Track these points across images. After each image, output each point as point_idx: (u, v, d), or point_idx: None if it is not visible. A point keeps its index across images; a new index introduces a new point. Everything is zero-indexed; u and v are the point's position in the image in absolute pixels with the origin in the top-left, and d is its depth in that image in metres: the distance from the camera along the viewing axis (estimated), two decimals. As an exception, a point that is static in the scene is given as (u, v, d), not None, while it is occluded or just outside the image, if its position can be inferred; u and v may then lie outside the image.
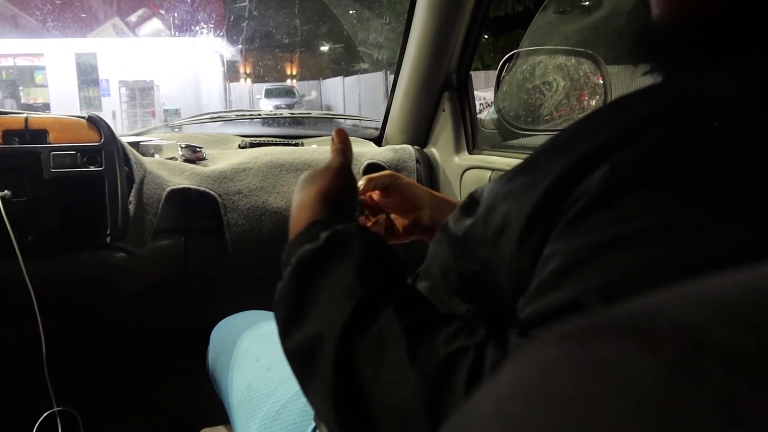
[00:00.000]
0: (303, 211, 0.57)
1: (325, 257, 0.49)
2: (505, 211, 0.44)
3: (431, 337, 0.42)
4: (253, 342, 0.92)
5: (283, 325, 0.50)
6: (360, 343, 0.44)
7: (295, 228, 0.56)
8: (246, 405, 0.82)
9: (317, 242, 0.50)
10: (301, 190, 0.60)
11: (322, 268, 0.49)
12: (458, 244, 0.51)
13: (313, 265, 0.49)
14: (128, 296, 1.26)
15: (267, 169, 1.37)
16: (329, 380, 0.44)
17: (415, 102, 1.55)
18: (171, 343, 1.47)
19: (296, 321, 0.48)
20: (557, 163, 0.41)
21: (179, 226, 1.30)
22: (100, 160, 1.12)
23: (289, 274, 0.50)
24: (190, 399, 1.28)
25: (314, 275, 0.49)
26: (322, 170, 0.61)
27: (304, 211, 0.57)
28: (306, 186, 0.60)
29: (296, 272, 0.50)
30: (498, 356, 0.39)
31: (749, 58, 0.39)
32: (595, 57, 1.33)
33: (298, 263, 0.50)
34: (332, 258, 0.49)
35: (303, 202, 0.58)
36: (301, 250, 0.51)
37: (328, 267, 0.49)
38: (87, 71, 13.01)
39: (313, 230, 0.52)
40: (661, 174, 0.35)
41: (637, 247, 0.34)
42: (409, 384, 0.40)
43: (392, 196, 0.81)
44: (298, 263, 0.50)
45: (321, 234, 0.51)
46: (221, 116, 1.76)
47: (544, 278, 0.38)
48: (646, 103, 0.40)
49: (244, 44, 13.99)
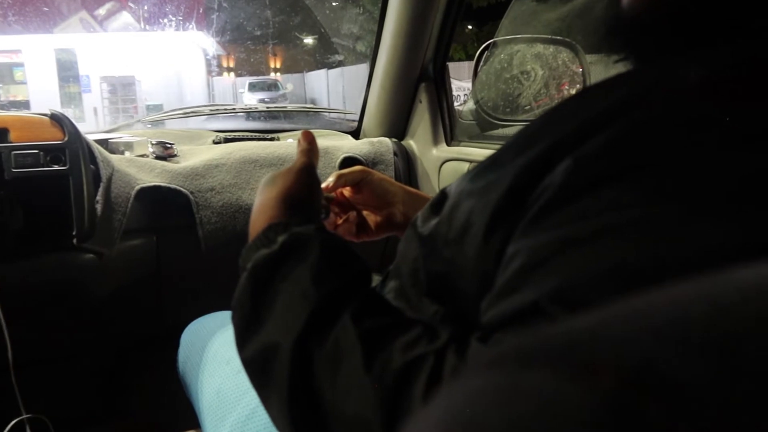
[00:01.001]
0: (262, 214, 0.54)
1: (282, 261, 0.47)
2: (469, 208, 0.43)
3: (389, 345, 0.40)
4: (223, 344, 0.90)
5: (240, 332, 0.48)
6: (316, 353, 0.42)
7: (253, 231, 0.53)
8: (216, 409, 0.80)
9: (274, 246, 0.48)
10: (261, 192, 0.57)
11: (278, 272, 0.47)
12: (426, 244, 0.50)
13: (269, 270, 0.47)
14: (98, 299, 1.23)
15: (240, 164, 1.34)
16: (285, 390, 0.42)
17: (392, 94, 1.53)
18: (144, 346, 1.44)
19: (252, 329, 0.46)
20: (521, 158, 0.39)
21: (150, 225, 1.27)
22: (65, 158, 1.08)
23: (245, 279, 0.48)
24: (163, 403, 1.26)
25: (270, 281, 0.47)
26: (284, 171, 0.59)
27: (262, 214, 0.54)
28: (267, 188, 0.57)
29: (252, 278, 0.48)
30: (458, 363, 0.38)
31: (716, 47, 0.37)
32: (573, 45, 1.31)
33: (254, 268, 0.48)
34: (289, 262, 0.47)
35: (262, 204, 0.56)
36: (257, 255, 0.49)
37: (284, 272, 0.46)
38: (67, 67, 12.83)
39: (270, 234, 0.50)
40: (624, 168, 0.34)
41: (600, 246, 0.33)
42: (366, 395, 0.38)
43: (364, 193, 0.79)
44: (254, 268, 0.48)
45: (278, 237, 0.49)
46: (195, 111, 1.72)
47: (506, 279, 0.37)
48: (610, 93, 0.39)
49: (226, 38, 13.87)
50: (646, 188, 0.32)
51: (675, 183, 0.32)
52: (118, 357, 1.48)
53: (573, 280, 0.33)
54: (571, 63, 1.39)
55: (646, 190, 0.32)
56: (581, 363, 0.15)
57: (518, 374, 0.16)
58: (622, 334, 0.15)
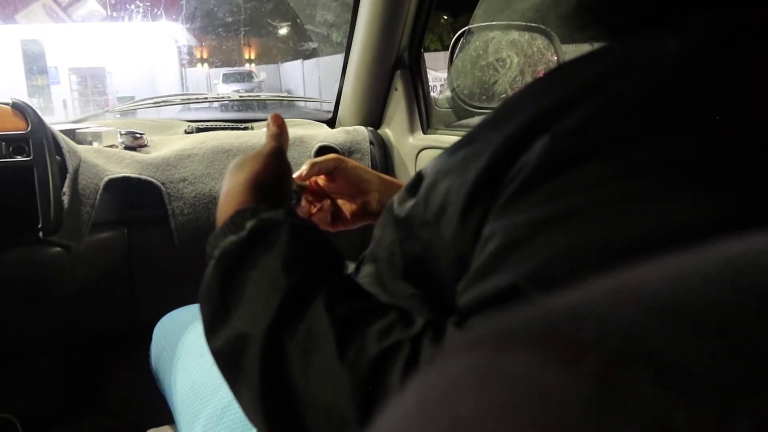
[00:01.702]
0: (229, 200, 0.52)
1: (250, 248, 0.45)
2: (446, 188, 0.41)
3: (363, 332, 0.39)
4: (197, 337, 0.88)
5: (208, 323, 0.46)
6: (288, 341, 0.40)
7: (221, 218, 0.51)
8: (190, 403, 0.78)
9: (242, 233, 0.46)
10: (229, 178, 0.55)
11: (246, 260, 0.45)
12: (402, 226, 0.48)
13: (238, 257, 0.45)
14: (67, 293, 1.20)
15: (213, 154, 1.31)
16: (257, 382, 0.41)
17: (367, 82, 1.51)
18: (116, 341, 1.41)
19: (221, 319, 0.44)
20: (498, 134, 0.38)
21: (120, 218, 1.24)
22: (28, 149, 1.05)
23: (212, 268, 0.46)
24: (136, 399, 1.23)
25: (239, 268, 0.45)
26: (253, 156, 0.57)
27: (230, 200, 0.52)
28: (235, 173, 0.55)
29: (219, 266, 0.46)
30: (435, 350, 0.37)
31: (695, 16, 0.36)
32: (548, 32, 1.30)
33: (221, 256, 0.46)
34: (257, 249, 0.45)
35: (230, 189, 0.54)
36: (224, 242, 0.47)
37: (253, 259, 0.45)
38: (34, 59, 12.51)
39: (238, 220, 0.48)
40: (602, 143, 0.33)
41: (578, 224, 0.32)
42: (340, 384, 0.37)
43: (338, 181, 0.77)
44: (221, 256, 0.46)
45: (246, 223, 0.47)
46: (166, 101, 1.68)
47: (483, 261, 0.36)
48: (588, 67, 0.38)
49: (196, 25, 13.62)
50: (624, 162, 0.31)
51: (654, 156, 0.31)
52: (89, 353, 1.45)
53: (551, 261, 0.32)
54: (546, 50, 1.38)
55: (625, 164, 0.31)
56: (563, 343, 0.14)
57: (496, 357, 0.15)
58: (606, 311, 0.14)
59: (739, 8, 0.35)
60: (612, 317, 0.14)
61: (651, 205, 0.30)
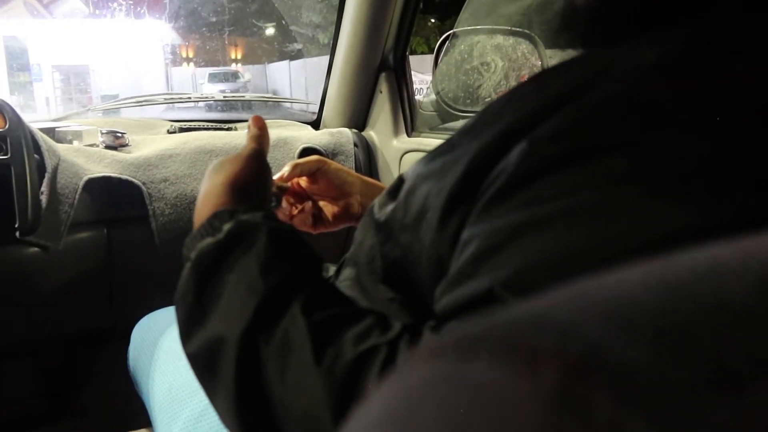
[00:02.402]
0: (207, 202, 0.52)
1: (228, 251, 0.45)
2: (425, 193, 0.41)
3: (340, 337, 0.39)
4: (175, 340, 0.87)
5: (184, 326, 0.45)
6: (264, 346, 0.40)
7: (198, 220, 0.51)
8: (168, 406, 0.77)
9: (219, 235, 0.46)
10: (208, 179, 0.55)
11: (223, 263, 0.44)
12: (382, 230, 0.48)
13: (214, 260, 0.45)
14: (45, 294, 1.18)
15: (195, 155, 1.30)
16: (232, 387, 0.40)
17: (352, 84, 1.51)
18: (95, 343, 1.39)
19: (197, 322, 0.44)
20: (477, 141, 0.38)
21: (100, 218, 1.22)
22: (5, 147, 1.03)
23: (189, 270, 0.46)
24: (114, 402, 1.22)
25: (215, 271, 0.44)
26: (232, 157, 0.56)
27: (208, 202, 0.52)
28: (213, 174, 0.55)
29: (195, 268, 0.45)
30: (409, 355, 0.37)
31: (671, 29, 0.36)
32: (532, 37, 1.31)
33: (198, 258, 0.46)
34: (235, 252, 0.45)
35: (208, 191, 0.53)
36: (201, 244, 0.46)
37: (230, 262, 0.44)
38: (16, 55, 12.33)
39: (216, 222, 0.47)
40: (579, 151, 0.33)
41: (554, 230, 0.32)
42: (316, 390, 0.37)
43: (320, 183, 0.77)
44: (198, 258, 0.46)
45: (224, 226, 0.46)
46: (149, 100, 1.67)
47: (460, 265, 0.35)
48: (566, 75, 0.38)
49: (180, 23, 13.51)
50: (600, 170, 0.32)
51: (629, 165, 0.31)
52: (67, 355, 1.42)
53: (527, 266, 0.32)
54: (531, 55, 1.39)
55: (601, 172, 0.32)
56: (524, 352, 0.14)
57: (457, 365, 0.15)
58: (568, 319, 0.14)
59: (715, 23, 0.35)
60: (572, 327, 0.14)
61: (622, 213, 0.30)
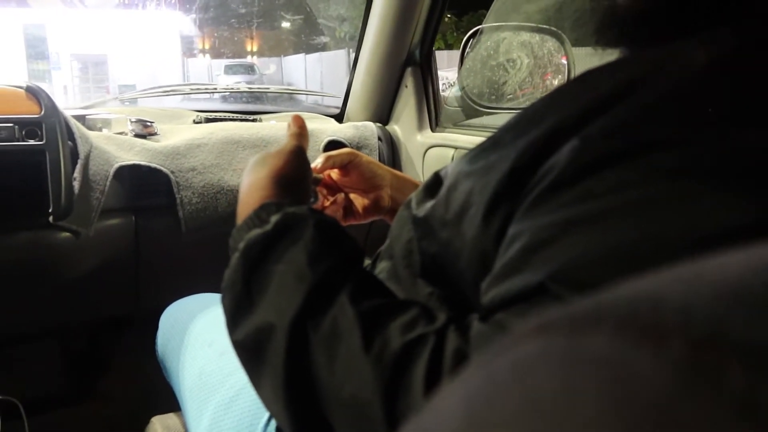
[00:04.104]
0: (253, 194, 0.53)
1: (276, 242, 0.46)
2: (468, 189, 0.42)
3: (387, 326, 0.40)
4: (205, 326, 0.88)
5: (231, 314, 0.47)
6: (313, 333, 0.41)
7: (243, 211, 0.52)
8: (198, 392, 0.79)
9: (267, 226, 0.47)
10: (251, 172, 0.56)
11: (272, 253, 0.46)
12: (420, 225, 0.49)
13: (263, 250, 0.46)
14: (74, 279, 1.20)
15: (222, 145, 1.31)
16: (281, 373, 0.41)
17: (377, 78, 1.51)
18: (120, 328, 1.41)
19: (245, 310, 0.45)
20: (523, 139, 0.39)
21: (129, 205, 1.24)
22: (41, 133, 1.04)
23: (237, 260, 0.47)
24: (140, 386, 1.24)
25: (264, 261, 0.46)
26: (275, 152, 0.58)
27: (254, 194, 0.53)
28: (257, 168, 0.56)
29: (244, 258, 0.47)
30: (460, 344, 0.37)
31: (720, 29, 0.37)
32: (559, 35, 1.31)
33: (247, 248, 0.47)
34: (283, 243, 0.46)
35: (253, 184, 0.54)
36: (249, 235, 0.47)
37: (278, 252, 0.46)
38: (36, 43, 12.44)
39: (263, 214, 0.49)
40: (631, 148, 0.33)
41: (607, 225, 0.32)
42: (365, 376, 0.38)
43: (351, 175, 0.78)
44: (247, 248, 0.47)
45: (271, 217, 0.48)
46: (175, 90, 1.68)
47: (508, 259, 0.36)
48: (614, 75, 0.38)
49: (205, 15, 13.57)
50: (652, 167, 0.32)
51: (682, 161, 0.31)
52: (93, 339, 1.45)
53: (579, 260, 0.32)
54: (557, 53, 1.39)
55: (653, 169, 0.32)
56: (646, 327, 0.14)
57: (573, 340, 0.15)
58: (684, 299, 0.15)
59: (762, 21, 0.36)
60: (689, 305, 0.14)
61: (675, 209, 0.31)
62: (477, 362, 0.17)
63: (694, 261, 0.17)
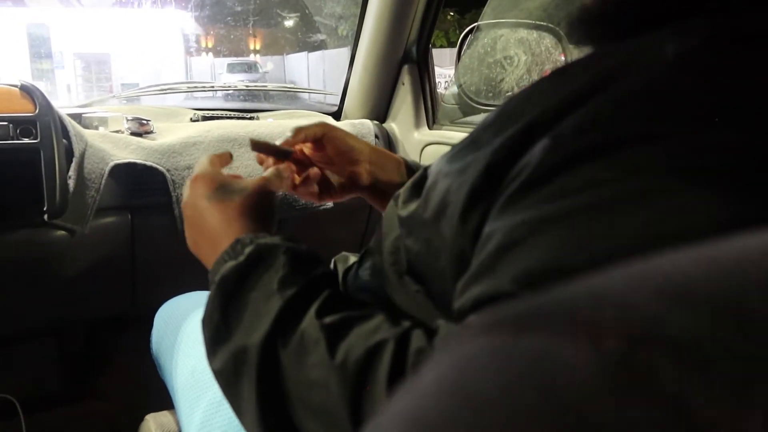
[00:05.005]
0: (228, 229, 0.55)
1: (249, 271, 0.48)
2: (446, 188, 0.42)
3: (350, 334, 0.41)
4: (198, 324, 0.88)
5: (210, 344, 0.48)
6: (282, 350, 0.43)
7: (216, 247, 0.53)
8: (190, 390, 0.79)
9: (240, 258, 0.49)
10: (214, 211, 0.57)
11: (246, 282, 0.48)
12: (404, 224, 0.49)
13: (237, 280, 0.48)
14: (69, 277, 1.20)
15: (219, 143, 1.31)
16: (254, 390, 0.43)
17: (374, 75, 1.51)
18: (116, 326, 1.41)
19: (222, 339, 0.47)
20: (499, 137, 0.38)
21: (125, 203, 1.24)
22: (35, 132, 1.05)
23: (214, 292, 0.49)
24: (135, 384, 1.24)
25: (239, 291, 0.48)
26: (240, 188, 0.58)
27: (229, 229, 0.55)
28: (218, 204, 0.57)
29: (220, 290, 0.48)
30: (423, 346, 0.38)
31: (693, 20, 0.36)
32: (556, 31, 1.30)
33: (221, 280, 0.49)
34: (257, 271, 0.48)
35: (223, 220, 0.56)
36: (224, 267, 0.49)
37: (252, 281, 0.47)
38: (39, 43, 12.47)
39: (238, 246, 0.50)
40: (602, 145, 0.33)
41: (579, 223, 0.32)
42: (331, 384, 0.39)
43: (326, 149, 0.72)
44: (221, 280, 0.49)
45: (245, 249, 0.50)
46: (172, 88, 1.68)
47: (482, 260, 0.36)
48: (587, 71, 0.37)
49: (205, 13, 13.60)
50: (624, 164, 0.31)
51: (653, 157, 0.31)
52: (89, 337, 1.45)
53: (554, 257, 0.32)
54: (554, 49, 1.38)
55: (625, 165, 0.31)
56: (584, 324, 0.14)
57: (514, 337, 0.15)
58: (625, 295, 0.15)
59: (738, 14, 0.35)
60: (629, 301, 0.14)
61: (645, 205, 0.30)
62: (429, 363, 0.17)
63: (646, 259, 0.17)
